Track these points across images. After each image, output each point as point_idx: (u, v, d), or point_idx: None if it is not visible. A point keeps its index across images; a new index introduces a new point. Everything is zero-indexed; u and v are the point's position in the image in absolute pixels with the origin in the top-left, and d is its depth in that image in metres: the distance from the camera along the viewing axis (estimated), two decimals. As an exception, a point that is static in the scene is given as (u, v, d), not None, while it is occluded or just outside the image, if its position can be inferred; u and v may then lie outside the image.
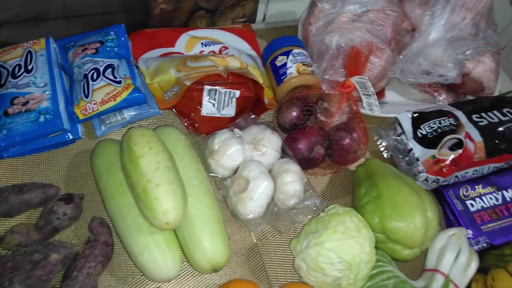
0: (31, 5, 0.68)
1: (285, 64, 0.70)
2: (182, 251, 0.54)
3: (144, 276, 0.54)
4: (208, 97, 0.66)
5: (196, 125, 0.66)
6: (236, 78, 0.66)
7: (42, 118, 0.59)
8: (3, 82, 0.61)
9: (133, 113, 0.65)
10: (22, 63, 0.63)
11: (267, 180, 0.59)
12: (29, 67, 0.63)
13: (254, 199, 0.58)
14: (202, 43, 0.76)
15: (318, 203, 0.61)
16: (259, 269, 0.58)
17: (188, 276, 0.56)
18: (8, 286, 0.47)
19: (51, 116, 0.59)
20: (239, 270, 0.58)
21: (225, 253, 0.54)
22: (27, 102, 0.59)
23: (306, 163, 0.64)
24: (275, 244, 0.61)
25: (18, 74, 0.62)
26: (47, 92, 0.61)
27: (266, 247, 0.60)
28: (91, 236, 0.53)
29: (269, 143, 0.63)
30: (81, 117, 0.61)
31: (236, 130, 0.64)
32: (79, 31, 0.71)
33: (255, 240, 0.61)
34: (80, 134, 0.63)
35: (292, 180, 0.60)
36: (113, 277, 0.54)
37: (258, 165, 0.60)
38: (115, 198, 0.54)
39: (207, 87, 0.65)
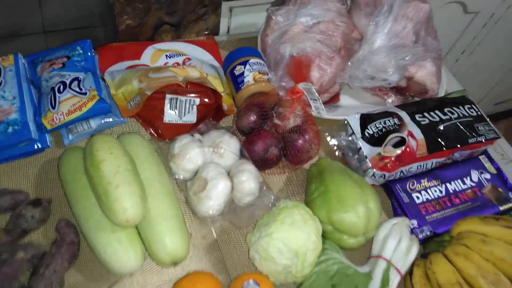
0: (7, 22, 0.73)
1: (242, 73, 0.76)
2: (144, 247, 0.58)
3: (109, 272, 0.58)
4: (170, 105, 0.71)
5: (160, 131, 0.71)
6: (195, 87, 0.71)
7: (10, 129, 0.63)
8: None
9: (99, 122, 0.69)
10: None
11: (224, 180, 0.64)
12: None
13: (212, 198, 0.63)
14: (166, 55, 0.81)
15: (272, 200, 0.66)
16: (219, 262, 0.63)
17: (151, 270, 0.60)
18: None
19: (19, 127, 0.63)
20: (200, 263, 0.62)
21: (184, 247, 0.58)
22: (-4, 114, 0.63)
23: (263, 164, 0.70)
24: (233, 239, 0.65)
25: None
26: (16, 105, 0.65)
27: (225, 242, 0.65)
28: (58, 236, 0.57)
29: (228, 146, 0.68)
30: (48, 127, 0.66)
31: (196, 134, 0.69)
32: (58, 45, 0.75)
33: (215, 236, 0.65)
34: (48, 143, 0.67)
35: (247, 179, 0.65)
36: (80, 273, 0.58)
37: (217, 166, 0.65)
38: (80, 201, 0.58)
39: (168, 96, 0.70)
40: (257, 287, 0.56)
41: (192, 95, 0.72)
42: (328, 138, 0.77)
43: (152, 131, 0.71)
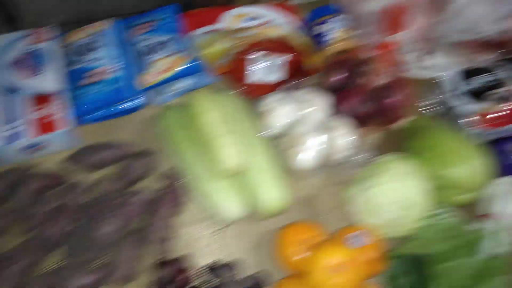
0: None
1: (326, 31, 0.75)
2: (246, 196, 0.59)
3: (212, 218, 0.60)
4: (256, 65, 0.71)
5: (246, 90, 0.72)
6: (280, 46, 0.71)
7: (112, 88, 0.67)
8: (76, 59, 0.69)
9: (189, 82, 0.71)
10: (91, 41, 0.70)
11: (317, 135, 0.63)
12: (98, 45, 0.70)
13: (306, 153, 0.62)
14: (247, 19, 0.81)
15: (367, 157, 0.65)
16: (314, 217, 0.63)
17: (252, 219, 0.61)
18: (97, 225, 0.54)
19: (119, 86, 0.67)
20: (298, 216, 0.62)
21: (286, 196, 0.59)
22: (101, 73, 0.67)
23: (354, 121, 0.68)
24: (327, 194, 0.65)
25: (88, 50, 0.70)
26: (115, 65, 0.68)
27: (319, 197, 0.65)
28: (165, 185, 0.60)
29: (318, 103, 0.67)
30: (143, 87, 0.68)
31: (285, 92, 0.69)
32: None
33: (310, 191, 0.65)
34: (143, 102, 0.70)
35: (341, 134, 0.64)
36: (185, 220, 0.61)
37: (309, 122, 0.65)
38: (185, 152, 0.61)
39: (253, 55, 0.71)
40: (363, 240, 0.55)
41: (278, 54, 0.71)
42: (422, 95, 0.74)
43: (239, 90, 0.72)
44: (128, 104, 0.68)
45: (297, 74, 0.73)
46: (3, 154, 0.61)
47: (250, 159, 0.59)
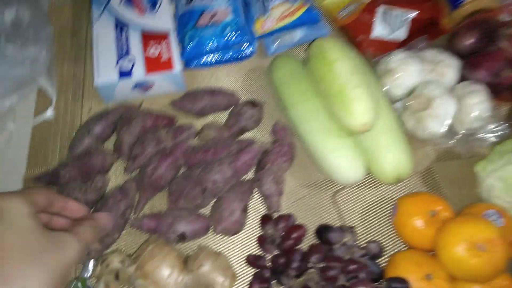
0: None
1: (461, -12, 0.66)
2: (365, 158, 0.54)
3: (320, 180, 0.56)
4: (381, 18, 0.64)
5: (365, 46, 0.65)
6: (412, 1, 0.63)
7: (227, 31, 0.63)
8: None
9: (304, 33, 0.66)
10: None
11: (450, 99, 0.56)
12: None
13: (436, 118, 0.55)
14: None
15: (504, 129, 0.57)
16: (435, 189, 0.56)
17: (367, 184, 0.56)
18: (206, 172, 0.51)
19: (235, 30, 0.63)
20: (416, 187, 0.56)
21: (409, 163, 0.53)
22: (214, 16, 0.63)
23: (490, 89, 0.60)
24: (454, 166, 0.58)
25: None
26: (231, 7, 0.64)
27: (441, 168, 0.58)
28: (276, 137, 0.56)
29: (449, 65, 0.60)
30: (259, 32, 0.64)
31: (411, 51, 0.62)
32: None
33: (431, 161, 0.58)
34: (254, 50, 0.66)
35: (477, 102, 0.56)
36: (293, 177, 0.57)
37: (440, 85, 0.58)
38: (300, 104, 0.56)
39: (382, 8, 0.64)
40: (502, 219, 0.48)
41: (407, 9, 0.64)
42: None
43: (360, 45, 0.66)
44: (239, 51, 0.64)
45: (427, 33, 0.66)
46: (113, 89, 0.60)
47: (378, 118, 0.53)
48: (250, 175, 0.56)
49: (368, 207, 0.55)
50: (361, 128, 0.50)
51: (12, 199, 0.35)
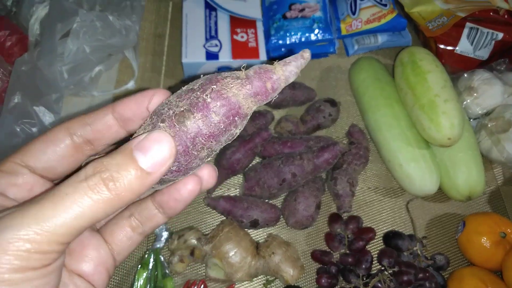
0: None
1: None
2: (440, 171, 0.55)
3: (388, 187, 0.57)
4: (468, 35, 0.64)
5: (443, 60, 0.65)
6: (502, 21, 0.63)
7: (315, 26, 0.63)
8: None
9: (385, 38, 0.66)
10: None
11: (530, 126, 0.56)
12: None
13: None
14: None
15: None
16: (502, 212, 0.57)
17: (435, 198, 0.57)
18: (298, 160, 0.52)
19: (323, 26, 0.63)
20: (480, 208, 0.57)
21: (483, 183, 0.54)
22: (303, 9, 0.64)
23: None
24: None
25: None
26: (320, 3, 0.64)
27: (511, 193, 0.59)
28: (352, 139, 0.57)
29: (531, 91, 0.60)
30: (344, 32, 0.64)
31: (492, 71, 0.62)
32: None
33: (500, 184, 0.59)
34: (335, 49, 0.66)
35: (557, 132, 0.56)
36: (363, 181, 0.58)
37: (520, 110, 0.58)
38: (381, 109, 0.57)
39: (469, 24, 0.63)
40: None
41: (496, 28, 0.64)
42: None
43: (439, 58, 0.66)
44: (321, 48, 0.65)
45: (508, 56, 0.66)
46: (198, 69, 0.61)
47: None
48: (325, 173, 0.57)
49: (433, 220, 0.56)
50: (446, 142, 0.51)
51: None
